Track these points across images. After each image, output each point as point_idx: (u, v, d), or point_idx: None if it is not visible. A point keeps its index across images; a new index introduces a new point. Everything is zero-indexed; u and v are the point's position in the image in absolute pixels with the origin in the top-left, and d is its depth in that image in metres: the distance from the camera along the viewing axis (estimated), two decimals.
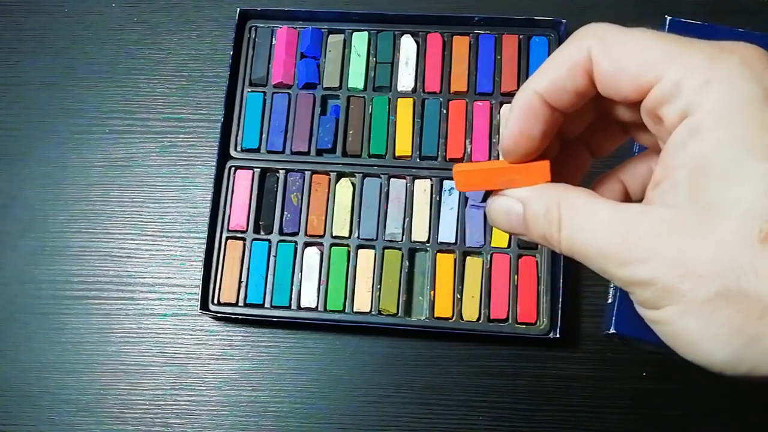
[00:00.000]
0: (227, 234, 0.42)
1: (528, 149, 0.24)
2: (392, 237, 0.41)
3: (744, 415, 0.40)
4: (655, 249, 0.20)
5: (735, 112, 0.19)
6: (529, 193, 0.24)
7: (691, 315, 0.20)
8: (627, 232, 0.21)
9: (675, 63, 0.20)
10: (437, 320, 0.40)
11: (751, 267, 0.19)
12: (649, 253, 0.20)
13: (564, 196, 0.22)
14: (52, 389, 0.43)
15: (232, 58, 0.44)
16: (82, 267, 0.44)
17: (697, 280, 0.19)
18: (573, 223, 0.22)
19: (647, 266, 0.20)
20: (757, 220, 0.19)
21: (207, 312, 0.41)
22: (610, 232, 0.21)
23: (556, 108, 0.23)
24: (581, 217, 0.22)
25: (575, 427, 0.41)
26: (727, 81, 0.20)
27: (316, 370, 0.42)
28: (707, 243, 0.19)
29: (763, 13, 0.47)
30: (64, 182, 0.46)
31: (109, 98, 0.47)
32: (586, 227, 0.22)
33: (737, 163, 0.19)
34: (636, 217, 0.21)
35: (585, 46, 0.22)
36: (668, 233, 0.20)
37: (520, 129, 0.24)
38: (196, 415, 0.42)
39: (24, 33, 0.49)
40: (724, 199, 0.19)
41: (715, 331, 0.20)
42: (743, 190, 0.19)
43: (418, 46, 0.45)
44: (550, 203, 0.23)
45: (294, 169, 0.43)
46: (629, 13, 0.47)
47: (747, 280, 0.19)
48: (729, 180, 0.19)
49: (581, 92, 0.23)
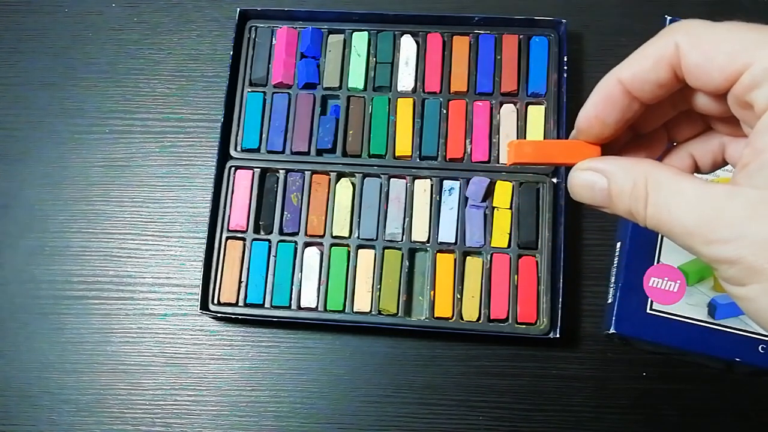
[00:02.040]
0: (227, 234, 0.42)
1: (601, 133, 0.25)
2: (392, 237, 0.41)
3: (744, 416, 0.40)
4: (742, 230, 0.21)
5: None
6: (615, 167, 0.24)
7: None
8: (714, 212, 0.21)
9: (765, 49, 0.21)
10: (437, 320, 0.40)
11: None
12: (736, 233, 0.21)
13: (651, 171, 0.23)
14: (52, 389, 0.43)
15: (232, 58, 0.44)
16: (82, 267, 0.44)
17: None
18: (659, 200, 0.22)
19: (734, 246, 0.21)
20: None
21: (207, 312, 0.41)
22: (697, 211, 0.22)
23: (635, 97, 0.24)
24: (668, 195, 0.22)
25: (575, 427, 0.41)
26: None
27: (316, 370, 0.42)
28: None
29: (763, 13, 0.47)
30: (64, 182, 0.46)
31: (109, 98, 0.47)
32: (673, 205, 0.22)
33: None
34: (723, 198, 0.21)
35: (673, 40, 0.23)
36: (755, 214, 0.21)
37: (596, 113, 0.25)
38: (196, 415, 0.42)
39: (24, 33, 0.49)
40: None
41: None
42: None
43: (418, 46, 0.45)
44: (637, 178, 0.23)
45: (294, 169, 0.43)
46: (629, 12, 0.47)
47: None
48: None
49: (663, 84, 0.23)
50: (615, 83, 0.24)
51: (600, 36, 0.47)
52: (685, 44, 0.23)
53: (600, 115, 0.25)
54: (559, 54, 0.43)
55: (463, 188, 0.42)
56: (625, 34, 0.47)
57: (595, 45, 0.47)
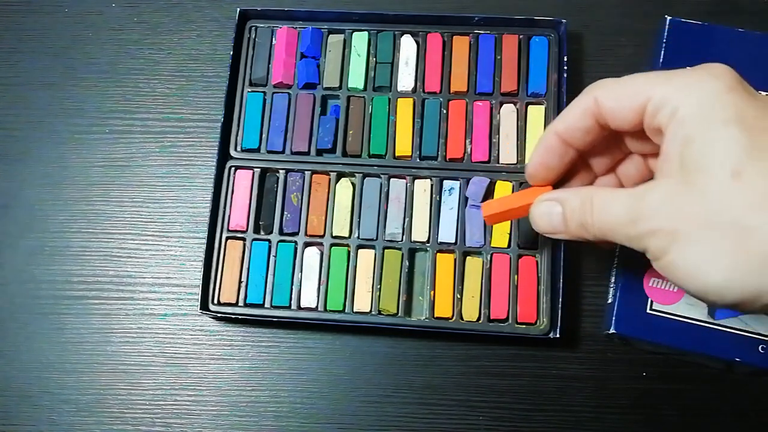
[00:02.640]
0: (227, 234, 0.42)
1: (547, 177, 0.32)
2: (392, 237, 0.41)
3: (744, 415, 0.40)
4: (658, 207, 0.27)
5: (706, 101, 0.26)
6: (566, 194, 0.31)
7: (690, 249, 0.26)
8: (638, 201, 0.27)
9: (659, 84, 0.27)
10: (437, 320, 0.40)
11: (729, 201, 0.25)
12: (653, 210, 0.27)
13: (594, 190, 0.30)
14: (52, 389, 0.43)
15: (232, 58, 0.44)
16: (82, 267, 0.44)
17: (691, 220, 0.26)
18: (602, 207, 0.29)
19: (653, 220, 0.27)
20: (729, 166, 0.25)
21: (207, 312, 0.41)
22: (627, 205, 0.28)
23: (570, 145, 0.31)
24: (608, 201, 0.29)
25: (575, 427, 0.41)
26: (699, 83, 0.27)
27: (316, 370, 0.42)
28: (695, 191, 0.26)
29: (763, 13, 0.47)
30: (64, 182, 0.46)
31: (109, 98, 0.47)
32: (612, 207, 0.29)
33: (711, 132, 0.26)
34: (644, 190, 0.28)
35: (592, 95, 0.29)
36: (666, 193, 0.27)
37: (540, 161, 0.32)
38: (196, 415, 0.42)
39: (24, 33, 0.49)
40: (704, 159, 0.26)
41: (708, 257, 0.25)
42: (717, 149, 0.25)
43: (418, 46, 0.45)
44: (584, 197, 0.30)
45: (294, 169, 0.43)
46: (629, 12, 0.47)
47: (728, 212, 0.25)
48: (704, 145, 0.26)
49: (589, 131, 0.30)
50: (553, 135, 0.31)
51: (600, 36, 0.47)
52: (601, 96, 0.29)
53: (544, 162, 0.32)
54: (559, 54, 0.43)
55: (463, 188, 0.42)
56: (625, 34, 0.47)
57: (595, 45, 0.47)
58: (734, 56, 0.42)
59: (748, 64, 0.42)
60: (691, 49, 0.42)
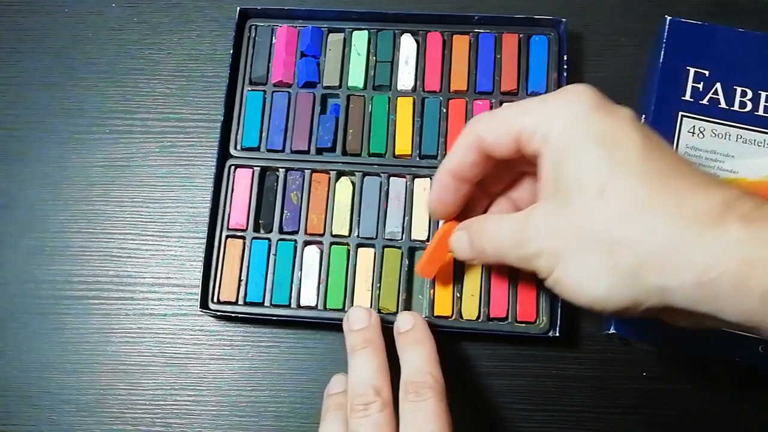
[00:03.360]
0: (227, 232, 0.42)
1: (445, 211, 0.35)
2: (392, 236, 0.41)
3: (744, 416, 0.40)
4: (539, 229, 0.29)
5: (571, 123, 0.28)
6: (469, 222, 0.34)
7: (571, 266, 0.28)
8: (522, 224, 0.30)
9: (529, 113, 0.30)
10: (437, 319, 0.40)
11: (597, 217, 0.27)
12: (534, 232, 0.30)
13: (485, 217, 0.34)
14: (52, 389, 0.43)
15: (232, 57, 0.44)
16: (82, 267, 0.44)
17: (569, 238, 0.28)
18: (492, 233, 0.32)
19: (536, 242, 0.29)
20: (595, 185, 0.27)
21: (207, 310, 0.41)
22: (513, 229, 0.31)
23: (462, 179, 0.33)
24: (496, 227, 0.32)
25: (575, 427, 0.41)
26: (564, 107, 0.29)
27: (316, 370, 0.42)
28: (570, 211, 0.28)
29: (763, 13, 0.47)
30: (64, 182, 0.46)
31: (109, 98, 0.47)
32: (500, 233, 0.32)
33: (577, 153, 0.28)
34: (526, 214, 0.30)
35: (473, 132, 0.32)
36: (545, 215, 0.29)
37: (437, 198, 0.35)
38: (196, 415, 0.42)
39: (24, 33, 0.49)
40: (573, 179, 0.28)
41: (588, 273, 0.27)
42: (582, 168, 0.28)
43: (418, 45, 0.45)
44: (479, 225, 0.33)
45: (294, 168, 0.43)
46: (629, 12, 0.47)
47: (597, 227, 0.27)
48: (572, 166, 0.28)
49: (477, 164, 0.33)
50: (445, 174, 0.34)
51: (600, 36, 0.47)
52: (480, 132, 0.31)
53: (441, 200, 0.34)
54: (559, 53, 0.43)
55: None
56: (625, 34, 0.47)
57: (595, 45, 0.47)
58: (734, 56, 0.42)
59: (748, 64, 0.42)
60: (691, 49, 0.42)
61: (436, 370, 0.33)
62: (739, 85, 0.42)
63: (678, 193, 0.26)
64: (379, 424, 0.32)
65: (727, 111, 0.42)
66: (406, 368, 0.34)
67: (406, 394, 0.32)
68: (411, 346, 0.35)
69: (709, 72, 0.42)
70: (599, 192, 0.27)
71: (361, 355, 0.35)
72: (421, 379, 0.33)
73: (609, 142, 0.27)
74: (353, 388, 0.33)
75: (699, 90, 0.42)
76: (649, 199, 0.26)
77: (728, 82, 0.42)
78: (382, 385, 0.33)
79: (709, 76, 0.42)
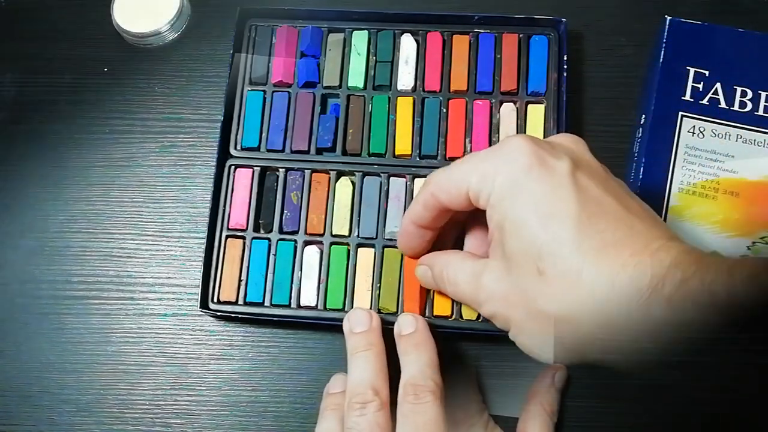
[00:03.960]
0: (227, 232, 0.42)
1: (417, 252, 0.37)
2: (392, 236, 0.41)
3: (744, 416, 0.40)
4: (491, 292, 0.31)
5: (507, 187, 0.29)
6: (432, 259, 0.36)
7: (522, 333, 0.30)
8: (477, 282, 0.32)
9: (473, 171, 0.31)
10: (437, 319, 0.40)
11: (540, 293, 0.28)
12: (487, 295, 0.31)
13: (446, 263, 0.35)
14: (52, 389, 0.43)
15: (232, 57, 0.44)
16: (82, 267, 0.44)
17: (518, 310, 0.30)
18: (450, 280, 0.34)
19: (490, 305, 0.31)
20: (534, 260, 0.28)
21: (207, 310, 0.41)
22: (471, 283, 0.32)
23: (425, 228, 0.35)
24: (456, 273, 0.34)
25: (575, 427, 0.41)
26: (502, 167, 0.30)
27: (316, 370, 0.42)
28: (516, 282, 0.30)
29: (763, 13, 0.47)
30: (64, 182, 0.46)
31: (109, 98, 0.47)
32: (457, 286, 0.34)
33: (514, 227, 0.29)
34: (480, 271, 0.32)
35: (429, 191, 0.33)
36: (496, 279, 0.31)
37: (404, 243, 0.37)
38: (196, 415, 0.42)
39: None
40: (516, 249, 0.29)
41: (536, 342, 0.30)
42: (522, 243, 0.29)
43: (418, 45, 0.45)
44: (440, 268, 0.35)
45: (294, 168, 0.43)
46: (629, 12, 0.47)
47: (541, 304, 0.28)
48: (513, 238, 0.29)
49: (437, 216, 0.34)
50: (409, 223, 0.35)
51: (600, 36, 0.47)
52: (434, 191, 0.33)
53: (408, 245, 0.37)
54: (559, 53, 0.43)
55: None
56: (625, 34, 0.47)
57: (595, 45, 0.47)
58: (734, 56, 0.42)
59: (748, 64, 0.42)
60: (691, 49, 0.43)
61: (437, 375, 0.34)
62: (739, 85, 0.42)
63: (611, 270, 0.27)
64: (375, 424, 0.32)
65: (727, 111, 0.42)
66: (406, 371, 0.34)
67: (406, 395, 0.32)
68: (413, 349, 0.35)
69: (709, 72, 0.42)
70: (540, 271, 0.28)
71: (361, 358, 0.35)
72: (421, 383, 0.33)
73: (544, 214, 0.28)
74: (352, 389, 0.34)
75: (699, 90, 0.42)
76: (584, 276, 0.27)
77: (728, 82, 0.42)
78: (380, 387, 0.33)
79: (709, 76, 0.42)
